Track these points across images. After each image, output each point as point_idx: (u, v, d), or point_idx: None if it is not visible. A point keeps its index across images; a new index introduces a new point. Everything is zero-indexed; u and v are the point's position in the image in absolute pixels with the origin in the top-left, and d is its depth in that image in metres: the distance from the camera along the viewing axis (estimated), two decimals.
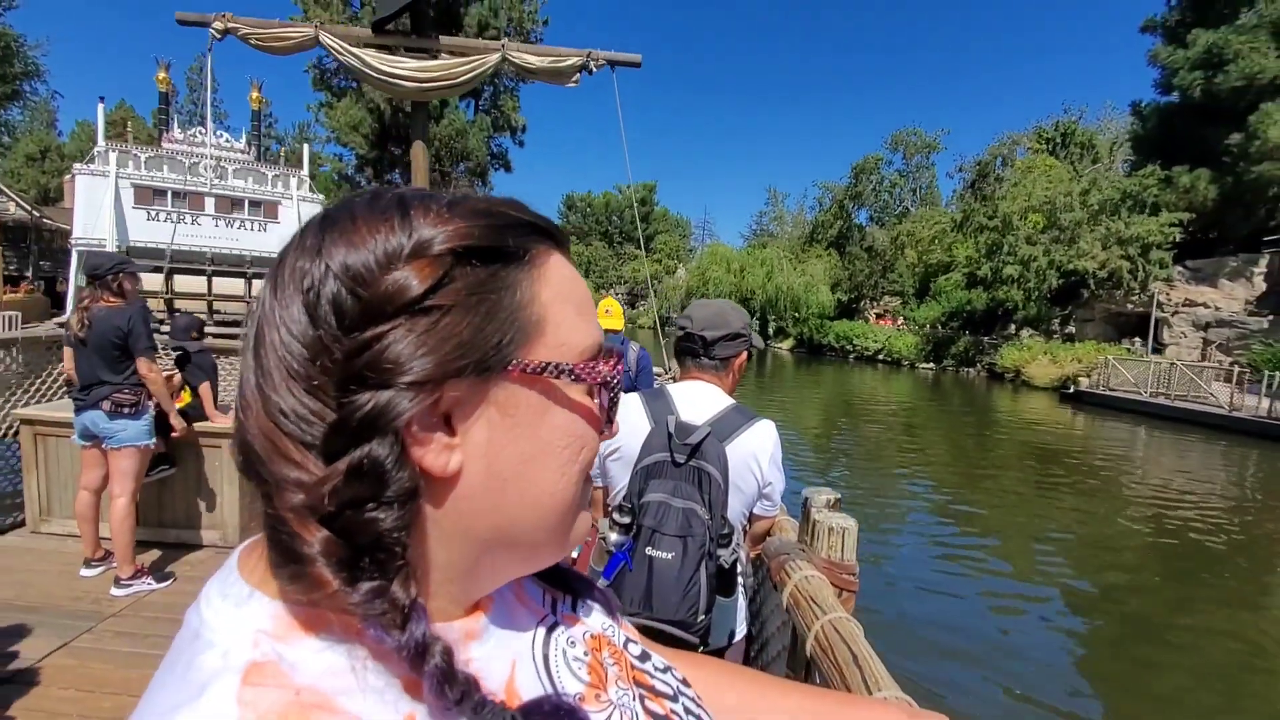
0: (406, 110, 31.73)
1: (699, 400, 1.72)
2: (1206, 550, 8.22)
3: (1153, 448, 16.08)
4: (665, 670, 0.54)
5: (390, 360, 0.34)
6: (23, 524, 4.15)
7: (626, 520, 1.55)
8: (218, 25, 5.32)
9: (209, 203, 19.64)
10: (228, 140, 22.84)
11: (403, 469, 0.34)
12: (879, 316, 44.74)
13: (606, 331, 4.14)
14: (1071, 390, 23.27)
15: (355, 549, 0.33)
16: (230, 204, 20.33)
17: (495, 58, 5.40)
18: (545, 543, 0.42)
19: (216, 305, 13.28)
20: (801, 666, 1.34)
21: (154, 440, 3.55)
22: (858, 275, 48.00)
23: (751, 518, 1.76)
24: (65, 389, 4.36)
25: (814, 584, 1.37)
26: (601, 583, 1.52)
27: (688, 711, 0.51)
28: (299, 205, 21.22)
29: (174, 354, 4.31)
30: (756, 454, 1.66)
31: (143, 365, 3.40)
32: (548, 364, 0.38)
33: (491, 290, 0.37)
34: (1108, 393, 21.92)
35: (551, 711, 0.38)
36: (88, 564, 3.61)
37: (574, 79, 5.66)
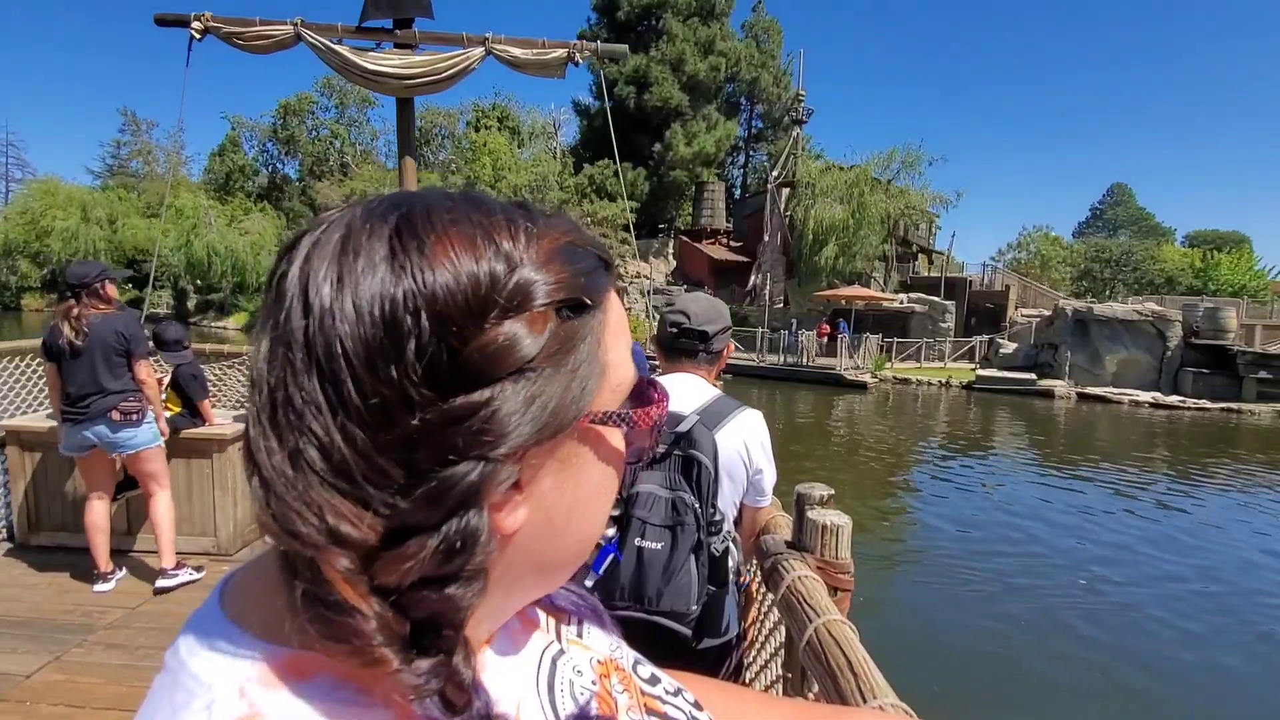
0: None
1: (687, 391, 1.71)
2: None
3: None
4: (676, 693, 0.52)
5: (494, 432, 0.30)
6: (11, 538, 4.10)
7: (615, 512, 1.54)
8: (197, 25, 5.23)
9: None
10: None
11: (492, 540, 0.31)
12: None
13: None
14: None
15: (416, 624, 0.30)
16: None
17: (479, 51, 5.31)
18: (572, 568, 0.42)
19: None
20: (796, 670, 1.30)
21: (161, 441, 3.50)
22: None
23: (742, 509, 1.73)
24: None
25: (808, 585, 1.33)
26: (591, 577, 1.50)
27: None
28: None
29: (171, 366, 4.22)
30: (746, 441, 1.66)
31: (142, 369, 3.35)
32: (610, 414, 0.37)
33: (574, 345, 0.34)
34: None
35: None
36: (103, 578, 3.48)
37: (560, 71, 5.58)
